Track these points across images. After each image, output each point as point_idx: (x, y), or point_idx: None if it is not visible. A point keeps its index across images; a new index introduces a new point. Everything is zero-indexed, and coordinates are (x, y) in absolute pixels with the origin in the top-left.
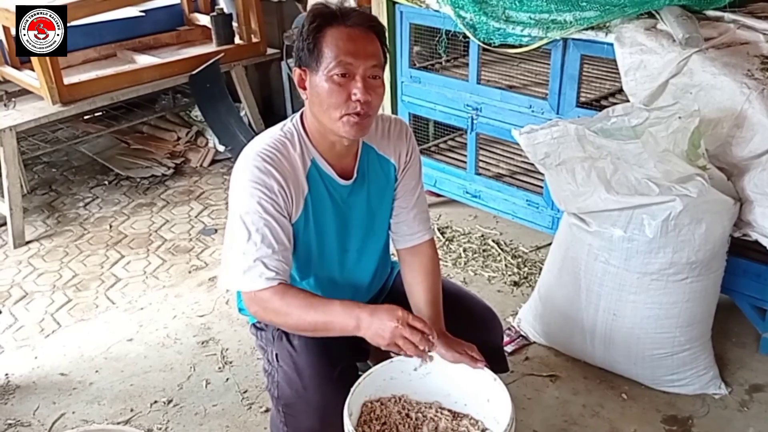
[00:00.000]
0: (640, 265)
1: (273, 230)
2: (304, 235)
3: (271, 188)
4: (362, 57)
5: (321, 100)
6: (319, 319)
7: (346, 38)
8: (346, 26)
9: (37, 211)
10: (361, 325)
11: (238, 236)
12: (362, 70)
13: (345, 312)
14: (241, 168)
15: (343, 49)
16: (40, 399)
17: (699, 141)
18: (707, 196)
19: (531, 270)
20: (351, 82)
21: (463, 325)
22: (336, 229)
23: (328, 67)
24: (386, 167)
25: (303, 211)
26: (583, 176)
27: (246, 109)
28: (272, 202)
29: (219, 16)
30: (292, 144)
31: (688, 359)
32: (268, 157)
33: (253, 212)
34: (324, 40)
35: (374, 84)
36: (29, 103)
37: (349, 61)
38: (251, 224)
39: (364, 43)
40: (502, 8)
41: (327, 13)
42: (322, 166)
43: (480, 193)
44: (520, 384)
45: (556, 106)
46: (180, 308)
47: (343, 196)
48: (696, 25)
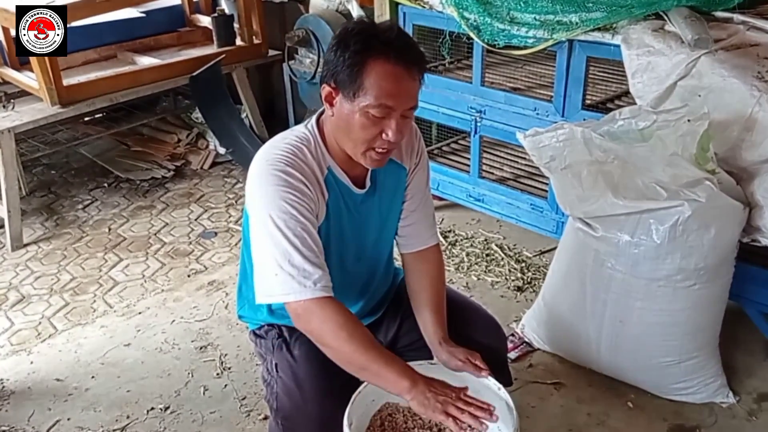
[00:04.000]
0: (648, 271)
1: (311, 234)
2: (326, 241)
3: (302, 191)
4: (403, 98)
5: (350, 130)
6: (374, 366)
7: (392, 79)
8: (393, 63)
9: (35, 213)
10: (415, 388)
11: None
12: (400, 111)
13: (406, 370)
14: (261, 175)
15: (385, 90)
16: (35, 405)
17: (708, 144)
18: (716, 200)
19: (535, 275)
20: (385, 120)
21: (467, 335)
22: (352, 236)
23: (367, 104)
24: (397, 172)
25: (325, 218)
26: (590, 180)
27: (247, 111)
28: (305, 204)
29: (220, 17)
30: (309, 150)
31: (696, 367)
32: (289, 161)
33: (289, 217)
34: (367, 73)
35: (407, 122)
36: (28, 104)
37: (390, 104)
38: (288, 230)
39: (406, 84)
40: (506, 9)
41: (369, 37)
42: (338, 174)
43: (483, 196)
44: (524, 392)
45: (562, 108)
46: (178, 313)
47: (357, 204)
48: (705, 27)
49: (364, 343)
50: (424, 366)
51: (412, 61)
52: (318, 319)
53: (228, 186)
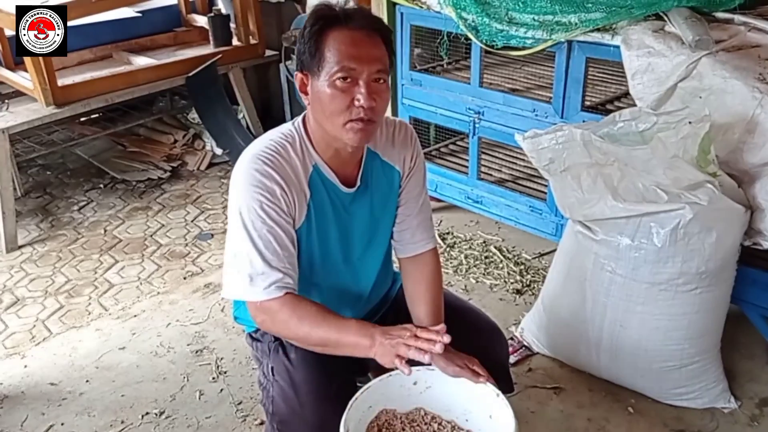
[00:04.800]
0: (648, 275)
1: (277, 237)
2: (307, 241)
3: (273, 192)
4: (366, 61)
5: (323, 106)
6: (331, 336)
7: (350, 41)
8: (349, 28)
9: (30, 214)
10: (374, 343)
11: (241, 243)
12: (366, 75)
13: (360, 330)
14: (241, 171)
15: (345, 53)
16: (29, 409)
17: (709, 147)
18: (718, 203)
19: (534, 278)
20: (354, 87)
21: (467, 340)
22: (338, 237)
23: (331, 72)
24: (390, 174)
25: (306, 218)
26: (589, 183)
27: (244, 111)
28: (275, 207)
29: (216, 17)
30: (293, 148)
31: (697, 372)
32: (268, 160)
33: (256, 218)
34: (326, 44)
35: (379, 88)
36: (23, 104)
37: (353, 65)
38: (254, 231)
39: (368, 47)
40: (505, 10)
41: (329, 15)
42: (325, 172)
43: (482, 198)
44: (523, 396)
45: (561, 109)
46: (174, 315)
47: (345, 203)
48: (706, 27)
49: (316, 320)
50: (421, 372)
51: (371, 27)
52: (271, 316)
53: (225, 187)
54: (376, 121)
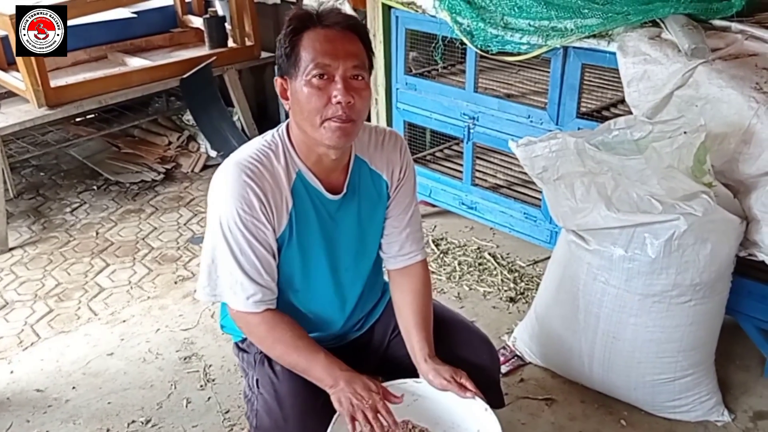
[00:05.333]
0: (642, 286)
1: (255, 248)
2: (287, 250)
3: (251, 204)
4: (341, 57)
5: (301, 106)
6: (300, 365)
7: (323, 39)
8: (323, 27)
9: (22, 216)
10: (336, 386)
11: (221, 254)
12: (342, 71)
13: (326, 369)
14: (220, 181)
15: (320, 51)
16: (14, 416)
17: (705, 157)
18: (713, 214)
19: (528, 285)
20: (330, 84)
21: (456, 353)
22: (324, 245)
23: (306, 71)
24: (378, 183)
25: (287, 226)
26: (583, 192)
27: (239, 113)
28: (252, 218)
29: (212, 18)
30: (276, 155)
31: (691, 385)
32: (248, 169)
33: (237, 231)
34: (301, 45)
35: (356, 85)
36: (15, 105)
37: (327, 62)
38: (234, 244)
39: (342, 43)
40: (500, 14)
41: (303, 17)
42: (309, 179)
43: (476, 204)
44: (515, 408)
45: (556, 116)
46: (163, 321)
47: (331, 211)
48: (702, 35)
49: (289, 346)
50: (408, 384)
51: (344, 24)
52: (248, 329)
53: None
54: (356, 120)
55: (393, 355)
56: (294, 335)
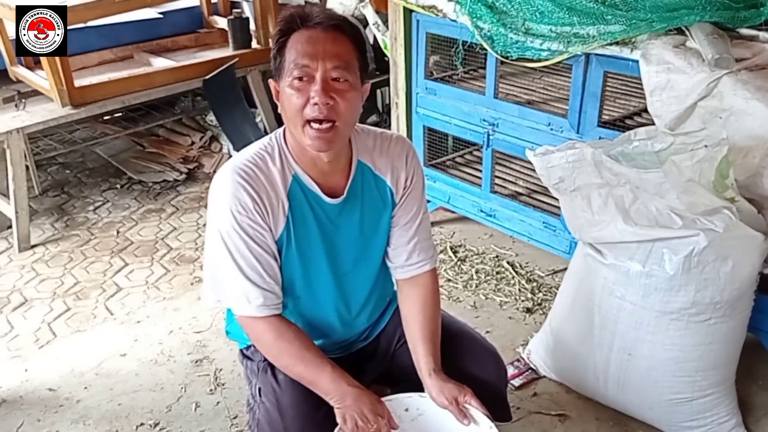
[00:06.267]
0: (659, 303)
1: (253, 250)
2: (287, 253)
3: (246, 206)
4: (321, 57)
5: (285, 108)
6: (306, 377)
7: (305, 40)
8: (307, 28)
9: (46, 213)
10: (343, 403)
11: (222, 259)
12: (321, 72)
13: (333, 383)
14: (216, 184)
15: (301, 52)
16: (25, 415)
17: (727, 171)
18: (735, 231)
19: (546, 296)
20: (310, 85)
21: (462, 367)
22: (324, 249)
23: (289, 73)
24: (382, 189)
25: (285, 229)
26: (600, 204)
27: (261, 114)
28: (248, 219)
29: (236, 19)
30: (272, 158)
31: (709, 405)
32: (243, 172)
33: (235, 236)
34: (286, 47)
35: (337, 87)
36: (40, 104)
37: (305, 62)
38: (231, 245)
39: (324, 43)
40: (521, 20)
41: (289, 19)
42: (306, 182)
43: (495, 212)
44: (527, 423)
45: (576, 124)
46: (177, 323)
47: (331, 215)
48: (727, 45)
49: (295, 357)
50: (413, 399)
51: (329, 26)
52: (255, 335)
53: None
54: (338, 123)
55: (398, 364)
56: (301, 346)
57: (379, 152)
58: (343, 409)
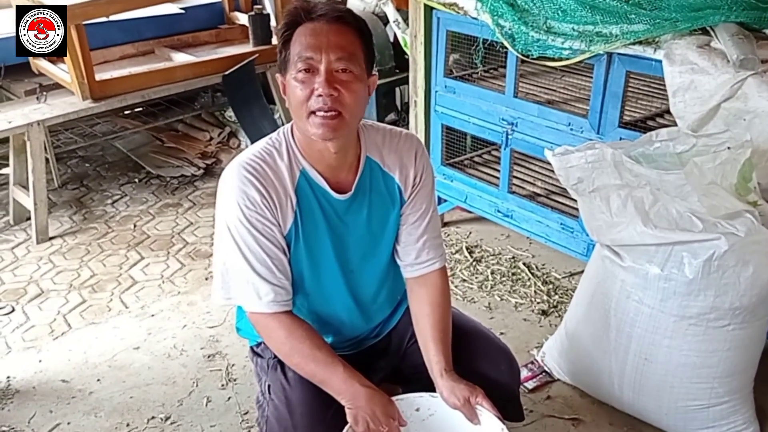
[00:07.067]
0: (677, 307)
1: (262, 245)
2: (296, 248)
3: (253, 199)
4: (324, 49)
5: (290, 101)
6: (318, 376)
7: (309, 33)
8: (311, 20)
9: (65, 206)
10: (355, 403)
11: (231, 255)
12: (325, 63)
13: (345, 383)
14: (224, 180)
15: (305, 44)
16: (38, 406)
17: (750, 174)
18: (757, 235)
19: (562, 298)
20: (314, 77)
21: (475, 367)
22: (332, 244)
23: (293, 65)
24: (391, 185)
25: (293, 224)
26: (619, 205)
27: (280, 111)
28: (256, 214)
29: (257, 15)
30: (279, 153)
31: (726, 412)
32: (250, 167)
33: (241, 227)
34: (291, 41)
35: (342, 78)
36: (60, 97)
37: (309, 54)
38: (240, 240)
39: (327, 35)
40: (543, 18)
41: (294, 12)
42: (313, 177)
43: (512, 212)
44: (539, 426)
45: (597, 125)
46: (191, 317)
47: (339, 211)
48: (753, 46)
49: (306, 355)
50: (425, 399)
51: (333, 17)
52: (266, 333)
53: None
54: (343, 113)
55: (409, 363)
56: (312, 344)
57: (388, 149)
58: (354, 409)
